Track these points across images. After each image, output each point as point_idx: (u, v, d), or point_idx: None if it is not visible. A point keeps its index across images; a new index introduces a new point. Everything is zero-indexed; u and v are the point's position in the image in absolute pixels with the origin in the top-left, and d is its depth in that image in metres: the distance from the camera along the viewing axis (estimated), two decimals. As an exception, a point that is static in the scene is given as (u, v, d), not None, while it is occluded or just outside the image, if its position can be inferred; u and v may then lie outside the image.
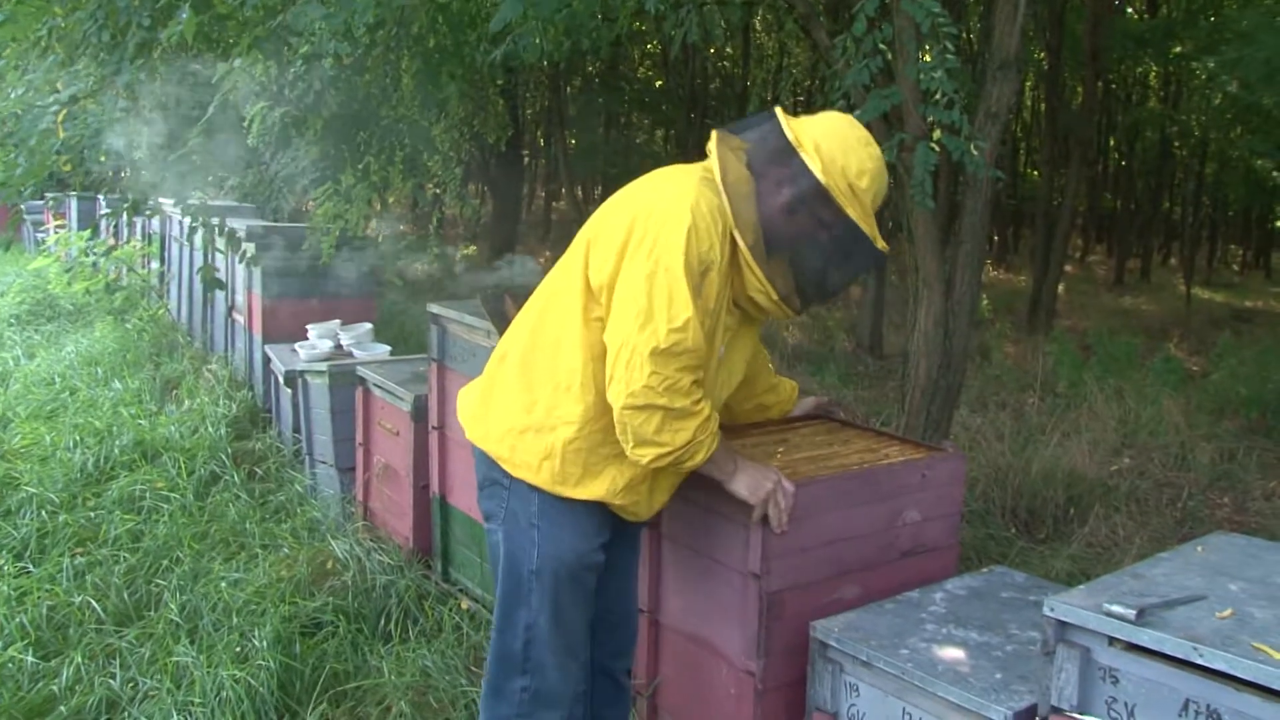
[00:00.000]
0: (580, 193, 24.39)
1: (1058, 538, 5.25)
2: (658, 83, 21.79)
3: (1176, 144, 21.99)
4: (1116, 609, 1.84)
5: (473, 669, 3.55)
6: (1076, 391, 8.19)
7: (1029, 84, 20.33)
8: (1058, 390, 8.48)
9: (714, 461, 2.45)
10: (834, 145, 2.37)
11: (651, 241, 2.28)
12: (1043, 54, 16.39)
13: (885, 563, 3.01)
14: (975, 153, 4.21)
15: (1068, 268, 18.19)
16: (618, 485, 2.48)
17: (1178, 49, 15.65)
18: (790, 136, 2.37)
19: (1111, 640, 1.86)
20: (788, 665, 2.77)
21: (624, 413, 2.29)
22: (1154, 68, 21.05)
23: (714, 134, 2.46)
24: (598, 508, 2.51)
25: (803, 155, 2.35)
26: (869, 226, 2.40)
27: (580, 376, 2.41)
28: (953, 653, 2.44)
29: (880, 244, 2.45)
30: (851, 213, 2.36)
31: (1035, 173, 23.41)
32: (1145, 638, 1.80)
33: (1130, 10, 17.94)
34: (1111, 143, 24.51)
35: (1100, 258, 27.04)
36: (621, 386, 2.27)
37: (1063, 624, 1.94)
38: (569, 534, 2.50)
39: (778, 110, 2.45)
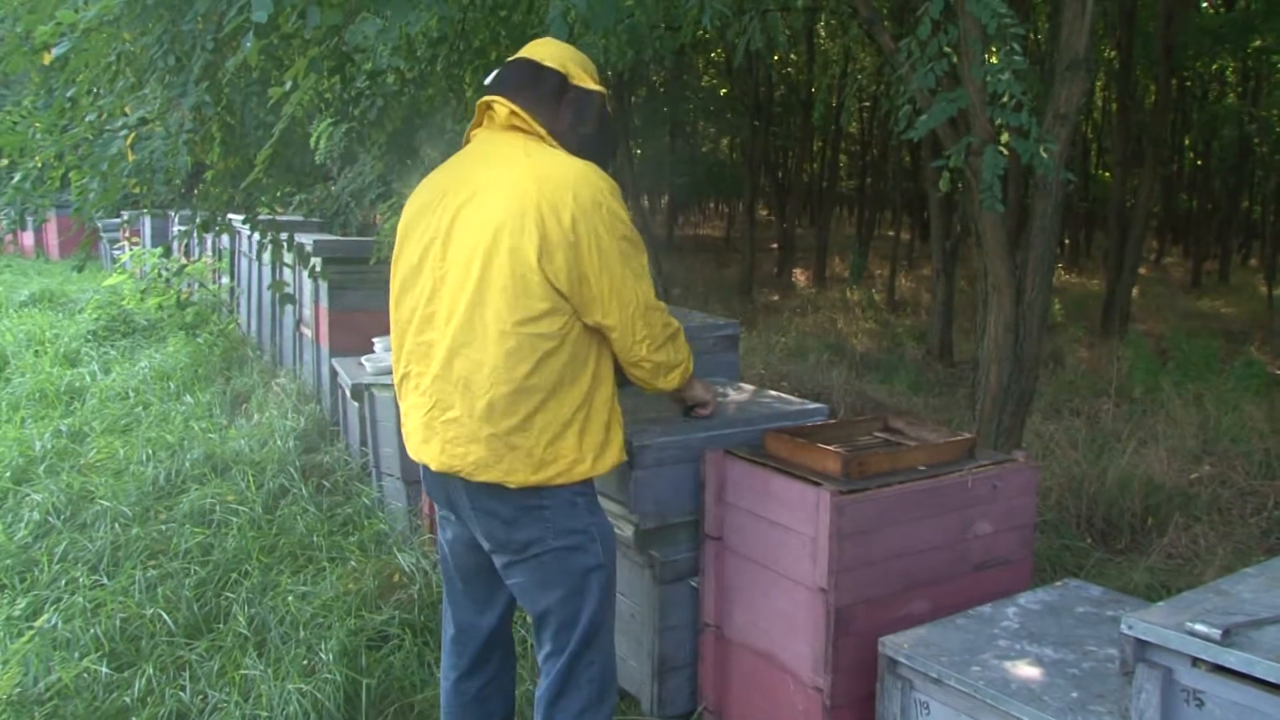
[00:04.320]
0: (646, 202, 24.43)
1: (1135, 548, 5.11)
2: (722, 90, 21.73)
3: (1256, 141, 21.44)
4: (1200, 628, 1.76)
5: (537, 679, 3.53)
6: (1153, 397, 8.00)
7: (1099, 83, 19.98)
8: (1134, 396, 8.29)
9: None
10: (579, 58, 2.77)
11: (597, 227, 2.48)
12: (1113, 52, 16.09)
13: (956, 576, 2.95)
14: (1045, 155, 4.12)
15: (1142, 270, 17.80)
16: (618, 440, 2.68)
17: (1257, 42, 15.26)
18: (560, 70, 2.69)
19: (1196, 661, 1.79)
20: (856, 682, 2.72)
21: (656, 354, 2.63)
22: (1231, 62, 20.56)
23: (500, 101, 2.65)
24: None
25: (577, 82, 2.71)
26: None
27: (572, 362, 2.52)
28: (1027, 670, 2.37)
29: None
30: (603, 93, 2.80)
31: (1107, 174, 22.99)
32: (1232, 659, 1.72)
33: (1205, 4, 17.51)
34: (1187, 141, 23.96)
35: (1176, 259, 26.48)
36: (645, 338, 2.59)
37: (1142, 643, 1.86)
38: (607, 520, 2.71)
39: (528, 56, 2.72)
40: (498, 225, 2.45)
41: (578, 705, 2.62)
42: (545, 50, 2.74)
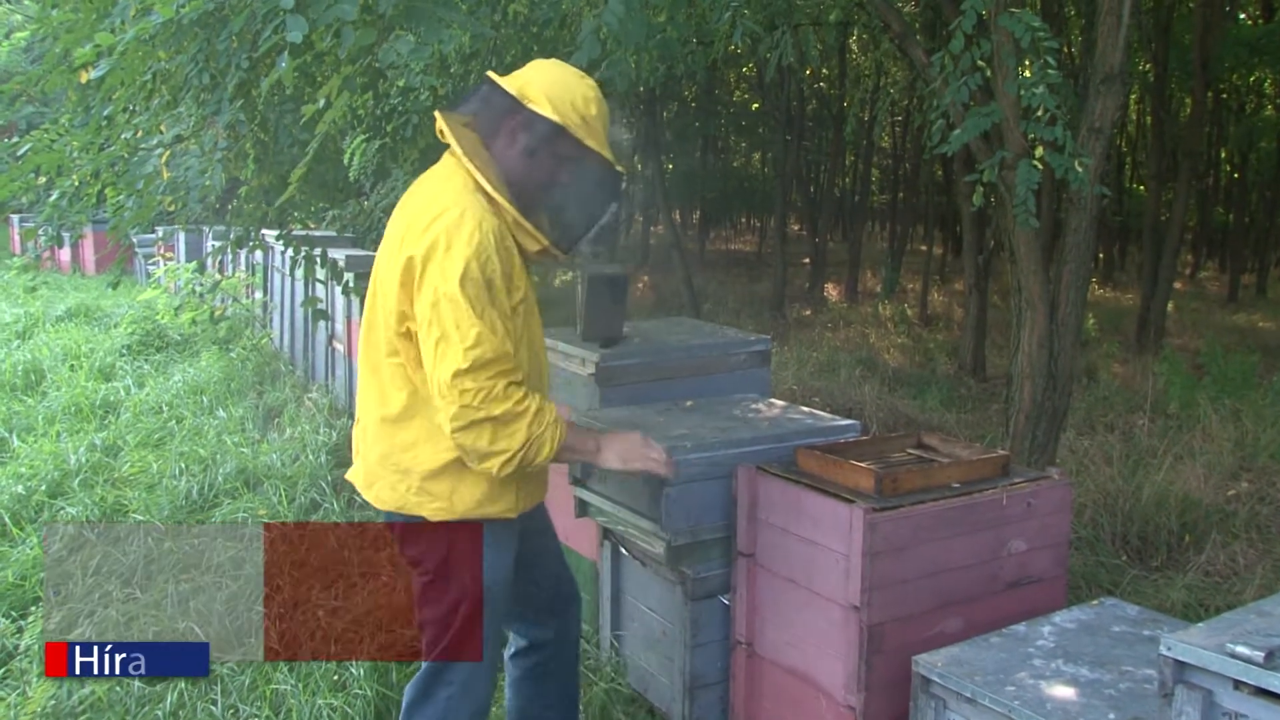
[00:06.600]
0: (678, 217, 24.43)
1: (1172, 566, 5.04)
2: (754, 105, 21.72)
3: (1296, 153, 21.20)
4: (1242, 650, 1.73)
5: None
6: (1189, 413, 7.90)
7: (1134, 96, 19.82)
8: (1169, 411, 8.18)
9: (570, 448, 2.51)
10: (556, 87, 2.49)
11: (433, 274, 2.32)
12: (1148, 65, 15.96)
13: (990, 594, 2.92)
14: (1079, 169, 4.09)
15: (1177, 284, 17.57)
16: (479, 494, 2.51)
17: (1297, 54, 15.08)
18: (514, 92, 2.48)
19: (1238, 684, 1.75)
20: (889, 701, 2.70)
21: (456, 436, 2.33)
22: (1269, 75, 20.34)
23: (439, 116, 2.52)
24: None
25: (531, 105, 2.46)
26: (608, 152, 2.55)
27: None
28: (1062, 690, 2.34)
29: (619, 166, 2.59)
30: (592, 143, 2.50)
31: (1142, 188, 22.79)
32: (1276, 682, 1.69)
33: (1243, 16, 17.33)
34: (1223, 154, 23.73)
35: (1212, 273, 26.16)
36: (445, 415, 2.33)
37: (1182, 664, 1.83)
38: (494, 562, 2.59)
39: (490, 75, 2.57)
40: (382, 257, 2.50)
41: (431, 713, 2.59)
42: (521, 73, 2.58)
